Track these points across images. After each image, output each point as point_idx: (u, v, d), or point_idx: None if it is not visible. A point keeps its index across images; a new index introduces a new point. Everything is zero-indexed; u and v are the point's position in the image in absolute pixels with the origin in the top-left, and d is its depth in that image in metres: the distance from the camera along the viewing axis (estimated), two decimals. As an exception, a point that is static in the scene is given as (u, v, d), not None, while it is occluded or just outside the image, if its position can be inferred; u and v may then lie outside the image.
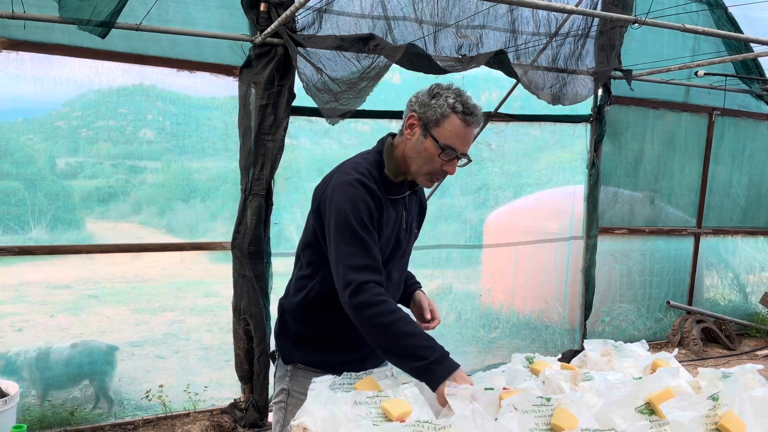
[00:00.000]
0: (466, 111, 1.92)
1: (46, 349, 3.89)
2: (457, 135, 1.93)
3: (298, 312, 2.10)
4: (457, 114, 1.92)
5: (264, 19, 3.62)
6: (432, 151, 1.95)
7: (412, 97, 2.04)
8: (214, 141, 4.10)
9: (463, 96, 1.94)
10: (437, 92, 1.95)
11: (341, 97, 3.68)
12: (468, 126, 1.94)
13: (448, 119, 1.93)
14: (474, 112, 1.93)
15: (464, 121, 1.93)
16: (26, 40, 3.33)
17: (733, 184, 6.27)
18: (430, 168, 1.99)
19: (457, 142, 1.94)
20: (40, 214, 3.76)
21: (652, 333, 5.91)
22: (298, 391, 2.08)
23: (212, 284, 4.43)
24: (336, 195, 1.94)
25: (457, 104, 1.91)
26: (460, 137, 1.94)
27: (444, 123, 1.93)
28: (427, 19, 4.15)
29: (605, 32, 4.66)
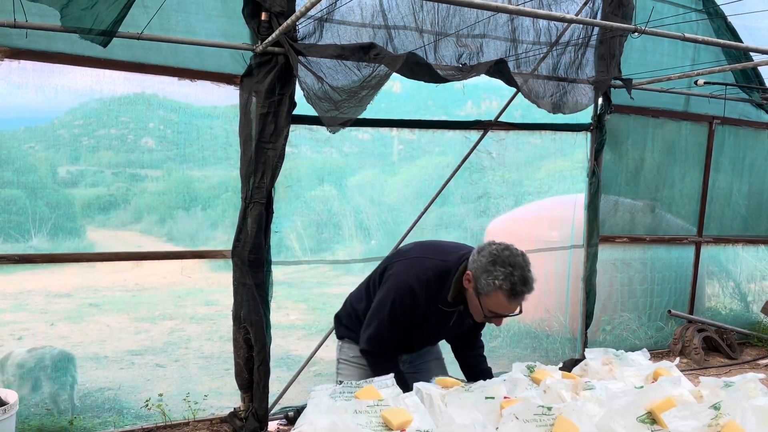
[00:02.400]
0: (513, 291, 2.13)
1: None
2: (501, 306, 2.18)
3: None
4: (503, 292, 2.14)
5: (265, 28, 3.63)
6: (479, 311, 2.24)
7: (475, 252, 2.30)
8: (215, 149, 4.11)
9: (513, 276, 2.13)
10: (490, 269, 2.17)
11: (342, 105, 3.69)
12: (512, 301, 2.16)
13: (495, 294, 2.15)
14: (520, 291, 2.14)
15: (508, 298, 2.15)
16: (28, 49, 3.34)
17: (734, 193, 6.27)
18: (482, 319, 2.29)
19: (502, 310, 2.20)
20: (40, 222, 3.76)
21: (653, 342, 5.89)
22: (343, 359, 2.63)
23: (212, 292, 4.43)
24: (396, 280, 2.35)
25: (505, 284, 2.13)
26: (506, 308, 2.18)
27: (491, 295, 2.17)
28: (428, 28, 4.16)
29: (605, 41, 4.67)
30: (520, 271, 2.13)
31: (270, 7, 3.59)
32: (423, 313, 2.34)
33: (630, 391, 1.90)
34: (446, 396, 1.96)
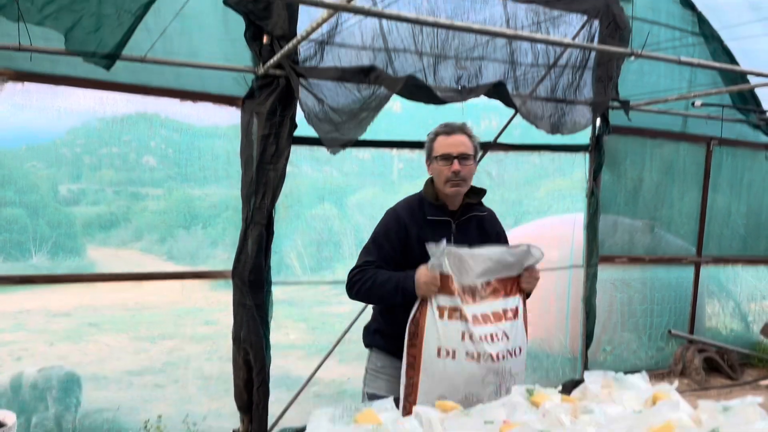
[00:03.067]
0: (444, 127, 2.53)
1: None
2: (443, 145, 2.49)
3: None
4: (438, 135, 2.52)
5: (267, 51, 3.68)
6: (437, 166, 2.48)
7: None
8: (216, 168, 4.13)
9: (444, 123, 2.56)
10: (428, 135, 2.59)
11: (342, 127, 3.73)
12: (449, 135, 2.49)
13: (436, 142, 2.52)
14: (449, 124, 2.53)
15: (445, 134, 2.50)
16: (32, 72, 3.38)
17: (732, 213, 6.29)
18: (443, 178, 2.47)
19: (445, 148, 2.47)
20: (41, 241, 3.77)
21: (654, 362, 5.87)
22: (371, 368, 2.66)
23: (212, 312, 4.42)
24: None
25: (438, 128, 2.54)
26: (447, 145, 2.48)
27: (434, 146, 2.52)
28: (427, 50, 4.21)
29: (603, 64, 4.72)
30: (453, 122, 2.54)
31: (272, 30, 3.64)
32: (413, 232, 2.47)
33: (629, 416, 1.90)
34: (445, 420, 1.96)
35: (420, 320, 2.29)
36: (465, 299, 2.27)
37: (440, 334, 2.24)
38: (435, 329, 2.25)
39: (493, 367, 2.25)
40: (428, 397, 2.22)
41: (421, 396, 2.24)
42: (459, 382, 2.23)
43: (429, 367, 2.24)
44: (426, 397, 2.22)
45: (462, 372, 2.23)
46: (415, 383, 2.26)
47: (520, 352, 2.35)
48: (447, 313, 2.26)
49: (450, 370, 2.23)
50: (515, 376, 2.31)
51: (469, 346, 2.22)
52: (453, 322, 2.25)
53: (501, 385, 2.27)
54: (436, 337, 2.24)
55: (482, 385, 2.25)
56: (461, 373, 2.23)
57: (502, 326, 2.29)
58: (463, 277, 2.29)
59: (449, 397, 2.14)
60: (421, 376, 2.25)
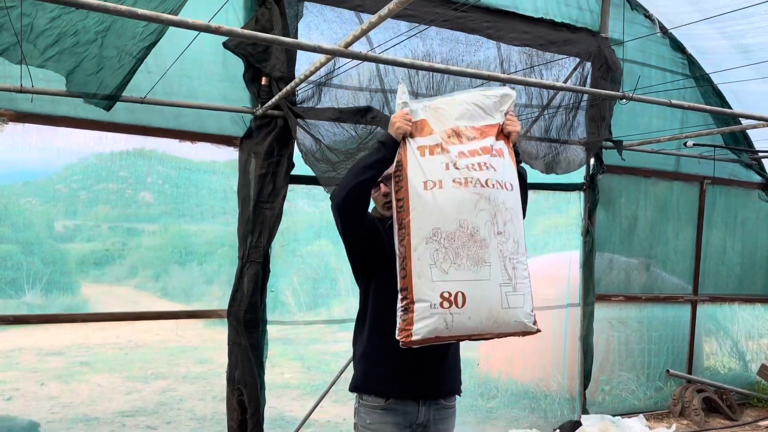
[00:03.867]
0: None
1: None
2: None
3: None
4: None
5: (265, 92, 3.74)
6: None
7: None
8: (213, 205, 4.14)
9: None
10: None
11: (339, 166, 3.77)
12: None
13: None
14: None
15: None
16: (33, 113, 3.42)
17: (728, 251, 6.31)
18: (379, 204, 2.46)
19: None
20: (35, 278, 3.75)
21: (653, 403, 5.81)
22: (361, 425, 2.46)
23: (206, 350, 4.37)
24: None
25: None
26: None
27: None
28: (423, 91, 4.29)
29: (595, 105, 4.81)
30: None
31: (270, 72, 3.71)
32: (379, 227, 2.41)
33: (628, 463, 1.88)
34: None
35: (402, 162, 2.22)
36: (448, 141, 2.20)
37: (424, 169, 2.16)
38: (418, 165, 2.18)
39: (484, 192, 2.14)
40: (422, 231, 2.13)
41: (414, 231, 2.14)
42: (450, 210, 2.13)
43: (418, 203, 2.15)
44: (420, 232, 2.13)
45: (452, 199, 2.13)
46: (407, 223, 2.16)
47: (512, 188, 2.23)
48: (428, 150, 2.20)
49: (439, 199, 2.13)
50: (510, 210, 2.20)
51: (455, 173, 2.14)
52: (435, 156, 2.18)
53: (496, 215, 2.15)
54: (420, 173, 2.16)
55: (474, 210, 2.13)
56: (451, 200, 2.13)
57: (489, 158, 2.19)
58: (444, 123, 2.23)
59: (443, 228, 2.09)
60: (412, 214, 2.15)
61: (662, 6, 5.24)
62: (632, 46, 5.21)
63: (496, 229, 2.12)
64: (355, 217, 2.33)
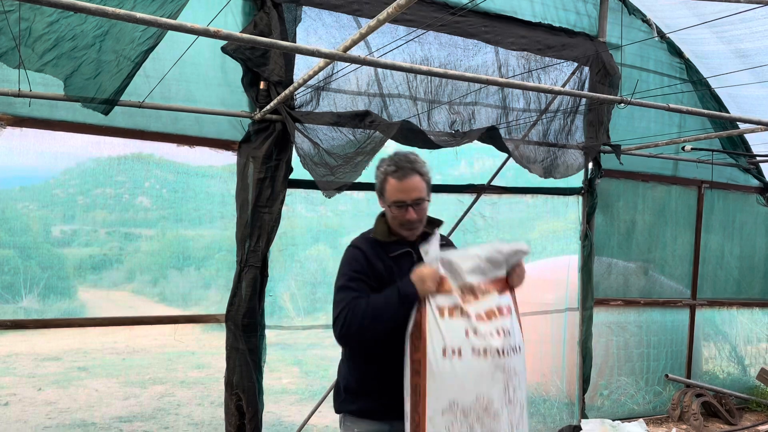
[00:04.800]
0: (394, 167, 2.29)
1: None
2: (396, 190, 2.29)
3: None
4: (388, 176, 2.30)
5: (263, 96, 3.74)
6: (391, 211, 2.33)
7: None
8: (211, 209, 4.13)
9: (395, 157, 2.31)
10: (377, 166, 2.37)
11: (338, 170, 3.76)
12: (402, 180, 2.28)
13: (387, 182, 2.31)
14: (400, 163, 2.28)
15: (397, 178, 2.28)
16: (31, 117, 3.41)
17: (726, 255, 6.31)
18: (398, 222, 2.34)
19: (399, 195, 2.29)
20: (32, 282, 3.73)
21: (651, 407, 5.80)
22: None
23: (204, 355, 4.36)
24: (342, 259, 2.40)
25: (389, 167, 2.30)
26: (400, 190, 2.29)
27: (385, 186, 2.32)
28: (421, 96, 4.29)
29: (593, 109, 4.81)
30: (400, 156, 2.30)
31: (269, 76, 3.70)
32: (375, 269, 2.31)
33: (627, 468, 1.87)
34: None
35: (421, 322, 2.17)
36: (465, 298, 2.19)
37: (444, 333, 2.13)
38: (437, 329, 2.14)
39: (500, 363, 2.14)
40: (439, 402, 2.10)
41: (430, 402, 2.11)
42: (469, 382, 2.11)
43: (436, 370, 2.11)
44: (437, 403, 2.10)
45: (471, 370, 2.11)
46: (423, 390, 2.12)
47: (520, 350, 2.25)
48: (447, 312, 2.16)
49: (458, 370, 2.11)
50: (519, 375, 2.21)
51: (475, 341, 2.12)
52: (455, 319, 2.15)
53: (508, 384, 2.16)
54: (440, 337, 2.13)
55: (491, 382, 2.13)
56: (470, 371, 2.11)
57: (502, 322, 2.20)
58: (458, 278, 2.22)
59: (460, 401, 2.08)
60: (428, 382, 2.11)
61: (660, 11, 5.26)
62: (630, 50, 5.22)
63: (507, 398, 2.15)
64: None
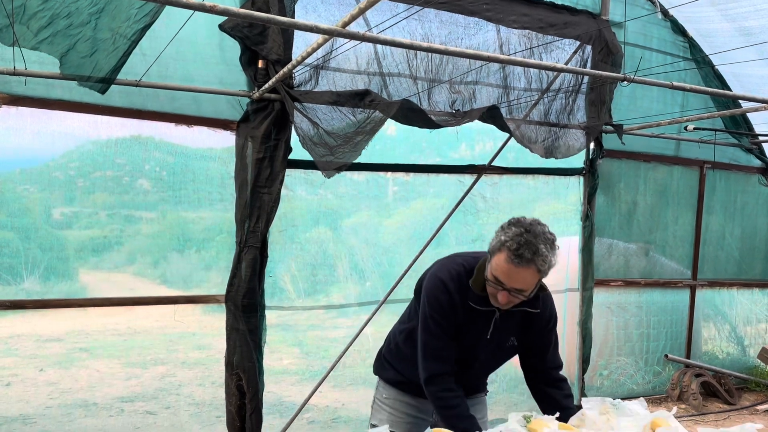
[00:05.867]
0: (517, 252, 1.98)
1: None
2: (502, 270, 2.04)
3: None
4: (506, 249, 2.01)
5: (262, 75, 3.70)
6: (489, 282, 2.10)
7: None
8: (210, 191, 4.12)
9: (522, 236, 2.00)
10: (504, 225, 2.10)
11: (337, 150, 3.73)
12: (514, 266, 2.00)
13: (499, 253, 2.04)
14: (522, 255, 1.98)
15: (510, 261, 2.00)
16: (27, 96, 3.38)
17: (727, 236, 6.30)
18: (490, 294, 2.14)
19: (502, 276, 2.05)
20: (33, 265, 3.73)
21: (651, 387, 5.82)
22: (378, 398, 2.60)
23: (205, 336, 4.37)
24: (428, 281, 2.28)
25: (511, 242, 2.00)
26: (506, 273, 2.03)
27: (496, 254, 2.06)
28: (422, 75, 4.25)
29: (595, 88, 4.77)
30: (533, 237, 1.98)
31: (267, 55, 3.66)
32: (457, 313, 2.22)
33: (627, 444, 1.87)
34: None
35: None
36: None
37: None
38: None
39: None
40: None
41: None
42: None
43: None
44: None
45: None
46: None
47: None
48: None
49: None
50: None
51: None
52: None
53: None
54: None
55: None
56: None
57: None
58: None
59: None
60: None
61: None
62: (633, 29, 5.16)
63: None
64: None
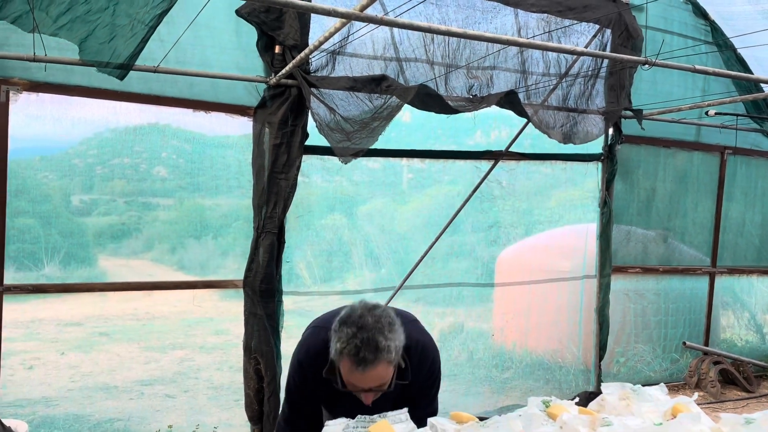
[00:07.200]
0: (356, 359, 1.82)
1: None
2: (353, 377, 1.87)
3: None
4: (345, 359, 1.86)
5: (279, 61, 3.70)
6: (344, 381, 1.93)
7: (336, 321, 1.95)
8: (228, 178, 4.14)
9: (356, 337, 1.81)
10: (335, 327, 1.89)
11: (354, 136, 3.73)
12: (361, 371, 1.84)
13: (342, 361, 1.88)
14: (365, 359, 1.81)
15: (356, 368, 1.84)
16: (47, 82, 3.41)
17: (747, 223, 6.22)
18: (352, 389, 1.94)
19: (356, 382, 1.88)
20: (53, 251, 3.78)
21: (668, 374, 5.79)
22: None
23: (222, 321, 4.42)
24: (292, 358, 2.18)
25: (347, 348, 1.82)
26: (358, 379, 1.87)
27: (341, 363, 1.89)
28: (438, 60, 4.21)
29: (615, 73, 4.70)
30: (367, 333, 1.80)
31: (284, 40, 3.65)
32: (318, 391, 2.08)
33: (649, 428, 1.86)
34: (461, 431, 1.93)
35: None
36: None
37: None
38: None
39: None
40: None
41: None
42: None
43: None
44: None
45: None
46: None
47: None
48: None
49: None
50: None
51: None
52: None
53: None
54: None
55: None
56: None
57: None
58: None
59: None
60: None
61: (685, -30, 5.10)
62: (654, 12, 5.07)
63: None
64: None
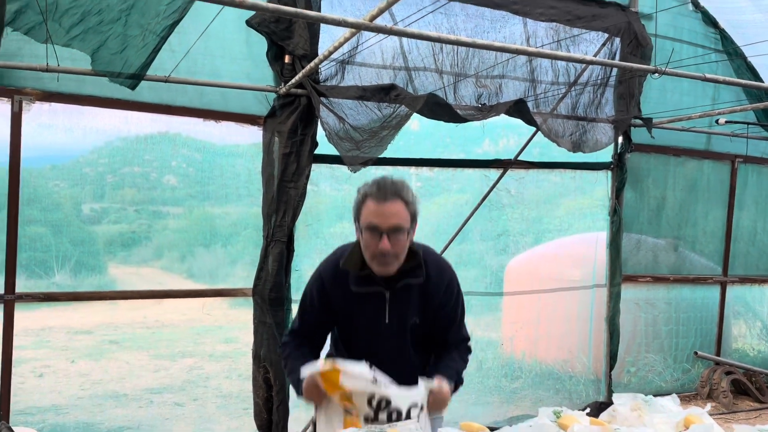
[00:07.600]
0: (378, 193, 2.07)
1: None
2: (373, 213, 2.07)
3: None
4: (368, 197, 2.09)
5: (288, 70, 3.72)
6: (365, 237, 2.10)
7: None
8: (237, 187, 4.16)
9: (377, 182, 2.11)
10: (358, 188, 2.16)
11: (363, 145, 3.74)
12: (381, 203, 2.06)
13: (365, 205, 2.09)
14: (383, 186, 2.08)
15: (376, 201, 2.06)
16: (59, 92, 3.44)
17: (758, 232, 6.16)
18: (369, 252, 2.11)
19: (375, 218, 2.07)
20: (64, 259, 3.81)
21: (679, 384, 5.73)
22: None
23: (232, 330, 4.42)
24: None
25: (368, 189, 2.10)
26: (377, 213, 2.06)
27: (363, 210, 2.10)
28: (447, 69, 4.22)
29: (624, 81, 4.69)
30: (387, 180, 2.11)
31: (293, 50, 3.68)
32: (338, 304, 2.23)
33: (661, 440, 1.84)
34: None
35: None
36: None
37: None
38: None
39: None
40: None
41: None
42: None
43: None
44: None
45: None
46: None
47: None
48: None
49: None
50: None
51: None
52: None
53: None
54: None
55: None
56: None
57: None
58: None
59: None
60: None
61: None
62: (663, 21, 5.06)
63: None
64: None
